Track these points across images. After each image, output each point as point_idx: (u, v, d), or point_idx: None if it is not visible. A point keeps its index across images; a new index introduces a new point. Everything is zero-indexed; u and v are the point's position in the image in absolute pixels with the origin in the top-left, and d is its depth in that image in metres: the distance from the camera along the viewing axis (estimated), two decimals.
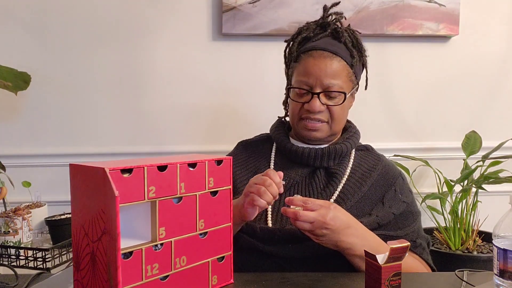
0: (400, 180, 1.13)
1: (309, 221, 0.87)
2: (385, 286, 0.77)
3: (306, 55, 1.09)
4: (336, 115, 1.09)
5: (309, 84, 1.07)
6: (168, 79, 1.80)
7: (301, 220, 0.87)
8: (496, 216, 0.87)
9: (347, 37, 1.10)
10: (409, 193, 1.13)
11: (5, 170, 1.49)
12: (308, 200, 0.89)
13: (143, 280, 0.71)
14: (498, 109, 1.92)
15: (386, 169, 1.14)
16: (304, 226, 0.88)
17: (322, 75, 1.05)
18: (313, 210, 0.88)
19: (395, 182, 1.11)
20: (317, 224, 0.88)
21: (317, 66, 1.06)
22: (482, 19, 1.88)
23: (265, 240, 1.01)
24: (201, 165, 0.80)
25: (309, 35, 1.12)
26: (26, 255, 1.20)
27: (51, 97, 1.77)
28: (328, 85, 1.06)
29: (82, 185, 0.71)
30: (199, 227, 0.80)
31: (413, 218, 1.10)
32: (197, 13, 1.79)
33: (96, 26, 1.76)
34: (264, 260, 1.01)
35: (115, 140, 1.81)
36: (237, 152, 1.24)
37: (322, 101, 1.07)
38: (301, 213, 0.87)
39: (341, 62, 1.08)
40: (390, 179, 1.11)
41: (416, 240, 1.07)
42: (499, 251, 0.78)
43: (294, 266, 1.00)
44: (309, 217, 0.87)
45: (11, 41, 1.74)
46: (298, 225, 0.88)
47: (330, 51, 1.07)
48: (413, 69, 1.88)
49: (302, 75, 1.08)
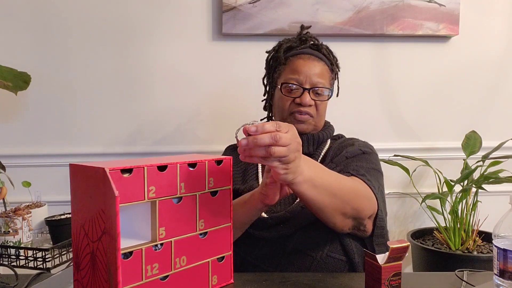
0: (361, 142, 1.24)
1: (287, 143, 0.75)
2: (385, 286, 0.77)
3: (295, 58, 1.21)
4: (321, 110, 1.21)
5: (299, 81, 1.18)
6: (168, 79, 1.80)
7: (280, 144, 0.74)
8: (496, 216, 0.87)
9: (325, 49, 1.25)
10: (367, 149, 1.18)
11: (5, 170, 1.49)
12: (278, 122, 0.77)
13: (143, 280, 0.71)
14: (498, 109, 1.93)
15: (350, 138, 1.27)
16: (281, 151, 0.75)
17: (311, 74, 1.18)
18: (287, 132, 0.77)
19: (356, 142, 1.23)
20: (293, 147, 0.77)
21: (306, 66, 1.19)
22: (482, 19, 1.88)
23: (260, 228, 1.08)
24: (201, 165, 0.80)
25: (293, 45, 1.25)
26: (26, 255, 1.20)
27: (51, 97, 1.77)
28: (316, 82, 1.18)
29: (82, 185, 0.71)
30: (199, 227, 0.80)
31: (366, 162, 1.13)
32: (197, 13, 1.79)
33: (96, 26, 1.76)
34: (260, 243, 1.08)
35: (115, 140, 1.81)
36: (226, 154, 1.34)
37: (311, 96, 1.18)
38: (280, 135, 0.74)
39: (325, 66, 1.22)
40: (352, 141, 1.23)
41: (365, 174, 1.06)
42: (499, 251, 0.78)
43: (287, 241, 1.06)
44: (287, 140, 0.75)
45: (11, 41, 1.74)
46: (276, 151, 0.74)
47: (316, 56, 1.22)
48: (413, 69, 1.88)
49: (293, 73, 1.19)
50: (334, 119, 1.32)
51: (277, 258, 1.06)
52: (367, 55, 1.86)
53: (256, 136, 0.74)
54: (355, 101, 1.86)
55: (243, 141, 0.75)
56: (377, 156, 1.20)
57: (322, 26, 1.76)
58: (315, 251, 1.05)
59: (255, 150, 0.75)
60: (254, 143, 0.74)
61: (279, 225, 1.07)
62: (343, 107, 1.80)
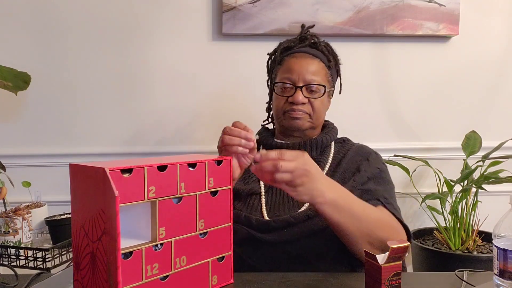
0: (373, 154, 1.21)
1: (290, 170, 0.84)
2: (385, 286, 0.77)
3: (289, 57, 1.21)
4: (316, 108, 1.18)
5: (292, 79, 1.17)
6: (168, 79, 1.80)
7: (282, 171, 0.84)
8: (496, 216, 0.87)
9: (323, 46, 1.23)
10: (382, 164, 1.20)
11: (5, 170, 1.49)
12: (283, 151, 0.86)
13: (143, 280, 0.71)
14: (498, 109, 1.93)
15: (360, 147, 1.24)
16: (284, 177, 0.84)
17: (304, 71, 1.16)
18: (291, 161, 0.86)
19: (369, 155, 1.20)
20: (298, 173, 0.85)
21: (299, 64, 1.18)
22: (482, 19, 1.88)
23: (262, 230, 1.05)
24: (201, 165, 0.80)
25: (291, 45, 1.24)
26: (26, 255, 1.20)
27: (51, 97, 1.77)
28: (309, 80, 1.16)
29: (82, 185, 0.71)
30: (199, 227, 0.80)
31: (385, 183, 1.15)
32: (197, 13, 1.79)
33: (96, 26, 1.76)
34: (262, 247, 1.05)
35: (115, 140, 1.81)
36: None
37: (304, 94, 1.16)
38: (281, 163, 0.83)
39: (320, 63, 1.20)
40: (364, 154, 1.21)
41: (388, 198, 1.10)
42: (499, 251, 0.78)
43: (290, 247, 1.04)
44: (290, 167, 0.84)
45: (11, 41, 1.74)
46: (278, 177, 0.84)
47: (310, 54, 1.20)
48: (413, 69, 1.88)
49: (286, 72, 1.19)
50: (334, 119, 1.32)
51: (279, 264, 1.02)
52: (367, 55, 1.86)
53: (261, 163, 0.85)
54: (355, 101, 1.86)
55: (252, 168, 0.90)
56: (387, 168, 1.20)
57: (322, 26, 1.76)
58: (319, 260, 1.02)
59: (263, 175, 0.86)
60: (259, 169, 0.86)
61: (282, 229, 1.04)
62: (343, 107, 1.80)
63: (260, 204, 1.12)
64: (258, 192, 1.14)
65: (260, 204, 1.12)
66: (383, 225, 0.97)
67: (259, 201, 1.13)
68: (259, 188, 1.15)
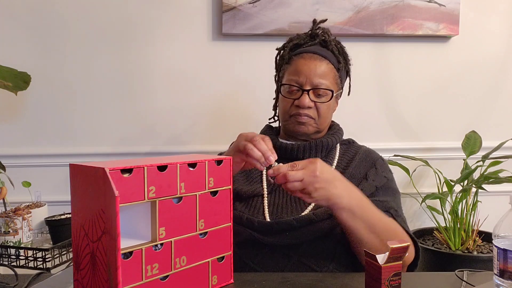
0: (380, 161, 1.20)
1: (299, 179, 0.88)
2: (385, 286, 0.77)
3: (298, 57, 1.18)
4: (322, 112, 1.17)
5: (299, 82, 1.15)
6: (168, 79, 1.80)
7: (291, 181, 0.88)
8: (496, 216, 0.87)
9: (334, 46, 1.21)
10: (389, 172, 1.20)
11: (5, 170, 1.49)
12: (294, 163, 0.90)
13: (143, 280, 0.71)
14: (498, 109, 1.93)
15: (367, 152, 1.22)
16: (295, 185, 0.89)
17: (312, 74, 1.14)
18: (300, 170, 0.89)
19: (376, 162, 1.19)
20: (308, 180, 0.88)
21: (307, 66, 1.14)
22: (482, 19, 1.88)
23: (264, 232, 1.04)
24: (201, 165, 0.80)
25: (300, 43, 1.22)
26: (26, 255, 1.20)
27: (51, 97, 1.77)
28: (317, 83, 1.14)
29: (82, 185, 0.71)
30: (199, 227, 0.80)
31: (393, 193, 1.16)
32: (197, 13, 1.79)
33: (96, 26, 1.76)
34: (263, 249, 1.04)
35: (115, 140, 1.81)
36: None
37: (311, 98, 1.14)
38: (290, 173, 0.88)
39: (329, 65, 1.17)
40: (371, 160, 1.19)
41: (398, 210, 1.11)
42: (499, 251, 0.78)
43: (292, 251, 1.03)
44: (298, 176, 0.88)
45: (11, 41, 1.74)
46: (289, 186, 0.89)
47: (320, 55, 1.17)
48: (413, 69, 1.88)
49: (293, 74, 1.16)
50: (334, 119, 1.32)
51: (280, 267, 1.01)
52: (367, 55, 1.86)
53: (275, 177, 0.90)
54: (355, 101, 1.86)
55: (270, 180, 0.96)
56: (393, 175, 1.21)
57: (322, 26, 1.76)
58: (321, 266, 1.01)
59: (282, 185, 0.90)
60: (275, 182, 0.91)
61: (284, 232, 1.03)
62: (343, 107, 1.79)
63: (262, 206, 1.11)
64: (260, 194, 1.13)
65: (263, 206, 1.11)
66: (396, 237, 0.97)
67: (261, 203, 1.12)
68: (261, 190, 1.14)
